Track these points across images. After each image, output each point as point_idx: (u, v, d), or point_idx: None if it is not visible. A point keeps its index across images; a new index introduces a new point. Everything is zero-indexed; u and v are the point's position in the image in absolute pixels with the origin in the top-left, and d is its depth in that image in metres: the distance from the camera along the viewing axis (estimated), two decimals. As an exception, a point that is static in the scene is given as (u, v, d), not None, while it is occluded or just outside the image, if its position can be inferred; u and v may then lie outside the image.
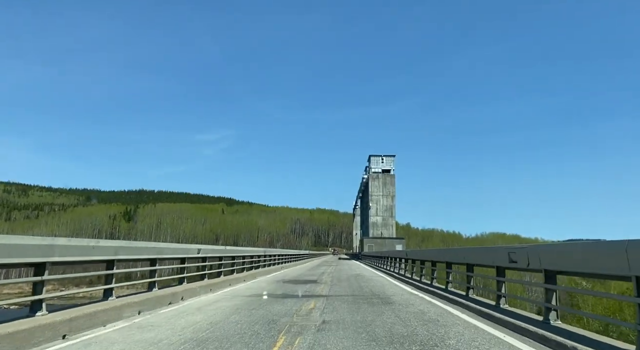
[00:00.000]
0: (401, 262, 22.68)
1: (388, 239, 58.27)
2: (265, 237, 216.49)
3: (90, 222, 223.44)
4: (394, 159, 70.26)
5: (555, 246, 7.36)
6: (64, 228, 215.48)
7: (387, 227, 66.26)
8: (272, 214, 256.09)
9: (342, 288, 15.40)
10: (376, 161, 70.09)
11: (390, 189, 68.18)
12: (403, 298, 12.07)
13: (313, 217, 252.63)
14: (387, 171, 70.35)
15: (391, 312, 9.17)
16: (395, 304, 10.66)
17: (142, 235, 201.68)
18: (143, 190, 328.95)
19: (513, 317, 7.44)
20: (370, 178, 68.78)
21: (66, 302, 10.50)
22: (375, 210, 66.62)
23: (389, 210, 67.59)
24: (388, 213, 67.52)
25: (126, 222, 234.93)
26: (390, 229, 66.22)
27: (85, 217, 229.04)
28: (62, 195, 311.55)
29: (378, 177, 68.58)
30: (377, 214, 66.68)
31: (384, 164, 70.23)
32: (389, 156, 70.53)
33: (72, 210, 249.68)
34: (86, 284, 52.07)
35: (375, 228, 65.45)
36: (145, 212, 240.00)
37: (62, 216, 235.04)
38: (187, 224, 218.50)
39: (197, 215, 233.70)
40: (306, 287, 15.69)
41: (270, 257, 28.06)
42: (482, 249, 10.29)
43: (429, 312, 9.21)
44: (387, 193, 67.78)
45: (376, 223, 65.97)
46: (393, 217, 67.87)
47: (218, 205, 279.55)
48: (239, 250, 20.43)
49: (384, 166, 70.23)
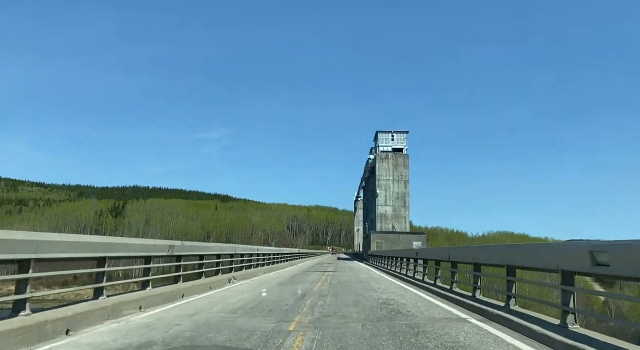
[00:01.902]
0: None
1: (403, 235, 45.54)
2: (260, 235, 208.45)
3: (75, 218, 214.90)
4: (407, 137, 57.54)
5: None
6: (47, 224, 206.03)
7: (399, 220, 52.20)
8: (268, 211, 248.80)
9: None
10: (385, 139, 56.56)
11: (402, 172, 53.96)
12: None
13: (311, 215, 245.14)
14: (399, 150, 56.64)
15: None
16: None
17: (129, 231, 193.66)
18: (137, 186, 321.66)
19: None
20: (377, 159, 54.63)
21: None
22: (384, 198, 52.72)
23: (401, 198, 53.24)
24: (400, 202, 53.18)
25: (114, 218, 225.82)
26: (403, 222, 52.22)
27: (71, 212, 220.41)
28: (54, 191, 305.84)
29: (387, 158, 54.63)
30: (386, 203, 52.75)
31: (394, 142, 56.60)
32: (401, 133, 57.56)
33: (58, 206, 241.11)
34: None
35: (383, 221, 51.61)
36: (134, 208, 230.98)
37: (47, 211, 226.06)
38: (177, 221, 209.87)
39: (189, 212, 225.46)
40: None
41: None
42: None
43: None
44: (399, 177, 53.53)
45: (385, 215, 52.13)
46: (407, 207, 53.15)
47: (212, 202, 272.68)
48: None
49: (394, 145, 56.68)
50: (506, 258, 8.36)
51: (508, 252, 8.72)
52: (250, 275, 19.25)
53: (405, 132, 58.37)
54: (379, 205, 52.15)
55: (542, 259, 7.34)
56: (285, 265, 30.29)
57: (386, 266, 25.96)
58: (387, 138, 56.59)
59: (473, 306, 8.99)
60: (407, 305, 9.78)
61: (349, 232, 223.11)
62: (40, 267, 6.68)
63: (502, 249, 9.19)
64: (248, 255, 20.94)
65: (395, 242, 40.67)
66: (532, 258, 7.82)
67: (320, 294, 12.31)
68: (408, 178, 53.90)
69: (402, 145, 56.59)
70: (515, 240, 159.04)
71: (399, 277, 19.07)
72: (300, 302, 10.47)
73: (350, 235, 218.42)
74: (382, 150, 56.06)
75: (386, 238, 43.04)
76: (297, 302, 10.31)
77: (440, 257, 12.76)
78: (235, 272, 18.09)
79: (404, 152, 57.14)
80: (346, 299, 11.18)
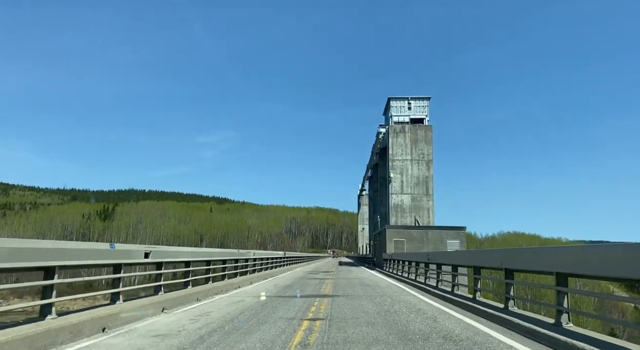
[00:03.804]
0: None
1: (433, 230, 31.16)
2: (257, 238, 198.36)
3: (60, 222, 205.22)
4: (428, 104, 43.29)
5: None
6: (30, 228, 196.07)
7: (420, 212, 38.95)
8: (266, 213, 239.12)
9: None
10: (399, 107, 43.07)
11: (424, 148, 40.41)
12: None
13: (310, 216, 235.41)
14: (418, 121, 43.20)
15: None
16: None
17: (117, 235, 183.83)
18: (133, 189, 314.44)
19: None
20: (390, 133, 41.35)
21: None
22: (399, 184, 39.62)
23: (422, 184, 39.56)
24: (421, 189, 39.44)
25: (101, 221, 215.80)
26: (425, 215, 38.95)
27: (57, 216, 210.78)
28: (46, 195, 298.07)
29: (404, 131, 41.03)
30: (402, 190, 39.44)
31: (411, 111, 43.26)
32: (420, 99, 43.52)
33: (45, 209, 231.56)
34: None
35: (399, 214, 38.95)
36: (124, 211, 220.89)
37: (32, 215, 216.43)
38: (169, 223, 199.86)
39: (182, 214, 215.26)
40: None
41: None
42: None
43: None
44: (420, 156, 40.22)
45: (401, 206, 39.13)
46: (430, 195, 39.40)
47: (207, 204, 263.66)
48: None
49: (412, 114, 43.40)
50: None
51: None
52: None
53: (425, 98, 44.00)
54: (392, 193, 39.68)
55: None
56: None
57: (425, 280, 14.64)
58: (402, 106, 43.47)
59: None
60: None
61: (351, 234, 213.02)
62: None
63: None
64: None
65: (421, 240, 28.75)
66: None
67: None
68: (431, 157, 40.50)
69: (422, 115, 43.63)
70: (526, 241, 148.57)
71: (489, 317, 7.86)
72: None
73: (352, 237, 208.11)
74: (396, 121, 43.06)
75: (408, 235, 30.01)
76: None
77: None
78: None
79: (425, 122, 43.19)
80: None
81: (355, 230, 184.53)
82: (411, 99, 42.19)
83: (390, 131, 40.34)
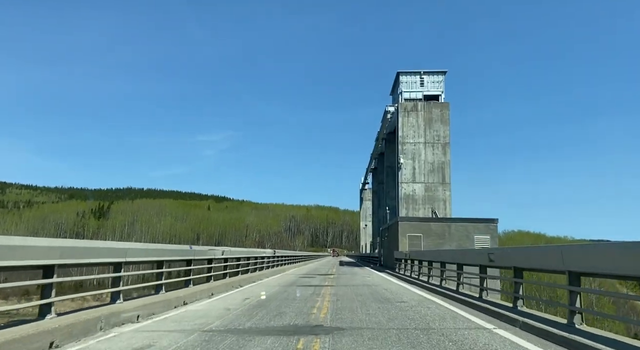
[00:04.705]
0: None
1: (457, 222, 25.49)
2: (255, 236, 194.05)
3: (54, 220, 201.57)
4: (443, 79, 37.35)
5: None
6: (23, 226, 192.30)
7: (436, 203, 33.46)
8: (265, 211, 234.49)
9: None
10: (410, 83, 37.06)
11: (440, 129, 34.84)
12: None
13: (310, 215, 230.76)
14: (433, 98, 37.05)
15: None
16: None
17: (112, 233, 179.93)
18: (131, 188, 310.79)
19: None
20: (400, 112, 35.39)
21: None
22: (410, 171, 33.91)
23: (437, 171, 33.98)
24: (436, 176, 33.90)
25: (96, 219, 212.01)
26: (442, 207, 33.52)
27: (51, 214, 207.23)
28: (43, 193, 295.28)
29: (416, 110, 35.26)
30: (414, 178, 33.85)
31: (424, 87, 37.13)
32: (434, 73, 37.44)
33: (39, 207, 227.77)
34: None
35: (410, 206, 33.47)
36: (120, 209, 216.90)
37: (25, 213, 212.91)
38: (165, 221, 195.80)
39: (179, 212, 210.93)
40: None
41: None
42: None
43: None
44: (435, 138, 34.61)
45: (412, 196, 33.61)
46: (446, 184, 33.93)
47: (206, 202, 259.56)
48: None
49: (426, 90, 37.13)
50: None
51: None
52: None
53: (441, 72, 37.74)
54: (402, 182, 33.98)
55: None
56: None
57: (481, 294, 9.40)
58: (414, 81, 37.25)
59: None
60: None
61: (351, 233, 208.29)
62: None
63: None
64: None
65: (442, 235, 23.28)
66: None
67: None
68: (448, 139, 34.72)
69: (437, 91, 37.33)
70: (532, 239, 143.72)
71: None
72: None
73: (352, 235, 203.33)
74: (406, 98, 36.80)
75: (426, 229, 24.65)
76: None
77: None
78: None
79: (440, 100, 36.90)
80: None
81: (356, 228, 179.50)
82: (424, 73, 36.31)
83: (400, 109, 34.53)
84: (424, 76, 36.55)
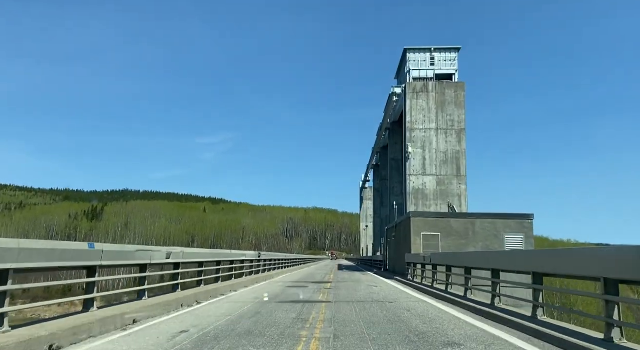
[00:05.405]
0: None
1: (484, 218, 20.70)
2: (251, 239, 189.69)
3: (44, 222, 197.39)
4: (457, 56, 32.82)
5: None
6: (13, 228, 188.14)
7: (450, 198, 28.96)
8: (262, 213, 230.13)
9: None
10: (419, 61, 32.45)
11: (454, 114, 30.21)
12: None
13: (308, 217, 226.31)
14: (446, 77, 32.46)
15: None
16: None
17: (104, 236, 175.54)
18: (127, 190, 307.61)
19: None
20: (407, 93, 30.87)
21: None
22: (420, 162, 29.49)
23: (452, 161, 29.65)
24: (451, 168, 29.57)
25: (89, 221, 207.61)
26: (456, 202, 28.94)
27: (41, 216, 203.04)
28: (38, 194, 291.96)
29: (426, 91, 30.54)
30: (424, 170, 29.45)
31: (435, 66, 32.53)
32: (447, 50, 32.72)
33: (31, 209, 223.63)
34: None
35: (420, 201, 29.02)
36: (113, 211, 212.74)
37: (15, 215, 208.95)
38: (159, 223, 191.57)
39: (174, 214, 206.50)
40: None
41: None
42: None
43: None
44: (449, 124, 30.07)
45: (422, 191, 29.21)
46: (462, 176, 29.61)
47: (202, 204, 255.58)
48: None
49: (438, 69, 32.49)
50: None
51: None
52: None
53: (454, 48, 33.03)
54: (410, 174, 29.39)
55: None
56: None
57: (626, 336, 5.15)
58: (424, 59, 32.43)
59: None
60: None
61: (350, 235, 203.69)
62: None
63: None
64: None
65: (464, 234, 18.69)
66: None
67: None
68: (463, 125, 29.97)
69: (450, 70, 32.55)
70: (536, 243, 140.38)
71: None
72: None
73: (351, 238, 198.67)
74: (415, 77, 31.93)
75: (445, 227, 20.02)
76: None
77: None
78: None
79: (454, 79, 32.20)
80: None
81: (355, 231, 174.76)
82: (435, 50, 31.51)
83: (408, 90, 29.72)
84: (434, 53, 32.05)
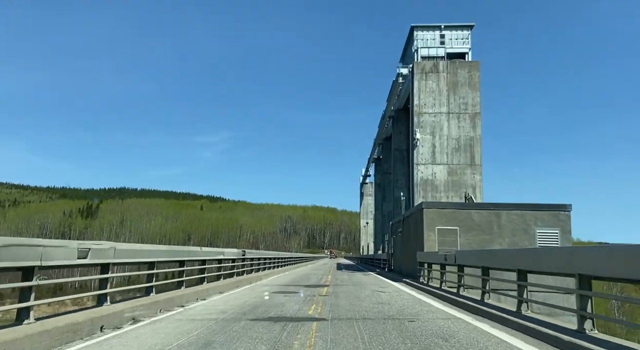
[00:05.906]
0: None
1: (511, 210, 16.87)
2: (249, 237, 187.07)
3: (38, 219, 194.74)
4: (469, 34, 29.91)
5: None
6: (6, 226, 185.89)
7: (463, 190, 26.24)
8: (260, 211, 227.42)
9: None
10: (428, 39, 29.58)
11: (467, 96, 27.31)
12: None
13: (307, 215, 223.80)
14: (457, 56, 29.64)
15: None
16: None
17: (99, 234, 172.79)
18: (124, 188, 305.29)
19: None
20: (415, 73, 28.03)
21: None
22: (429, 149, 26.77)
23: (465, 149, 26.86)
24: (464, 156, 26.78)
25: (83, 219, 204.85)
26: (472, 194, 26.10)
27: (35, 214, 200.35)
28: (34, 193, 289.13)
29: (436, 71, 27.63)
30: (433, 159, 26.74)
31: (445, 46, 29.67)
32: (458, 27, 29.86)
33: (25, 206, 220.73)
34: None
35: (429, 193, 26.33)
36: (109, 209, 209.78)
37: (9, 213, 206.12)
38: (155, 221, 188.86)
39: (170, 212, 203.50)
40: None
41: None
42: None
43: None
44: (462, 107, 27.22)
45: (432, 181, 26.48)
46: (476, 166, 26.72)
47: (199, 202, 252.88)
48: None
49: (449, 48, 29.65)
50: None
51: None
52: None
53: (467, 26, 30.00)
54: (419, 163, 26.52)
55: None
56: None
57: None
58: (433, 37, 29.39)
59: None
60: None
61: (349, 233, 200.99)
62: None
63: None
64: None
65: (488, 228, 15.44)
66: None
67: None
68: (478, 108, 26.88)
69: (463, 49, 29.47)
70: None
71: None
72: None
73: (350, 236, 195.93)
74: (424, 56, 29.03)
75: (464, 219, 16.93)
76: None
77: None
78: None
79: (467, 58, 29.33)
80: None
81: (354, 229, 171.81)
82: (445, 27, 28.49)
83: (416, 70, 26.47)
84: (444, 31, 29.09)
